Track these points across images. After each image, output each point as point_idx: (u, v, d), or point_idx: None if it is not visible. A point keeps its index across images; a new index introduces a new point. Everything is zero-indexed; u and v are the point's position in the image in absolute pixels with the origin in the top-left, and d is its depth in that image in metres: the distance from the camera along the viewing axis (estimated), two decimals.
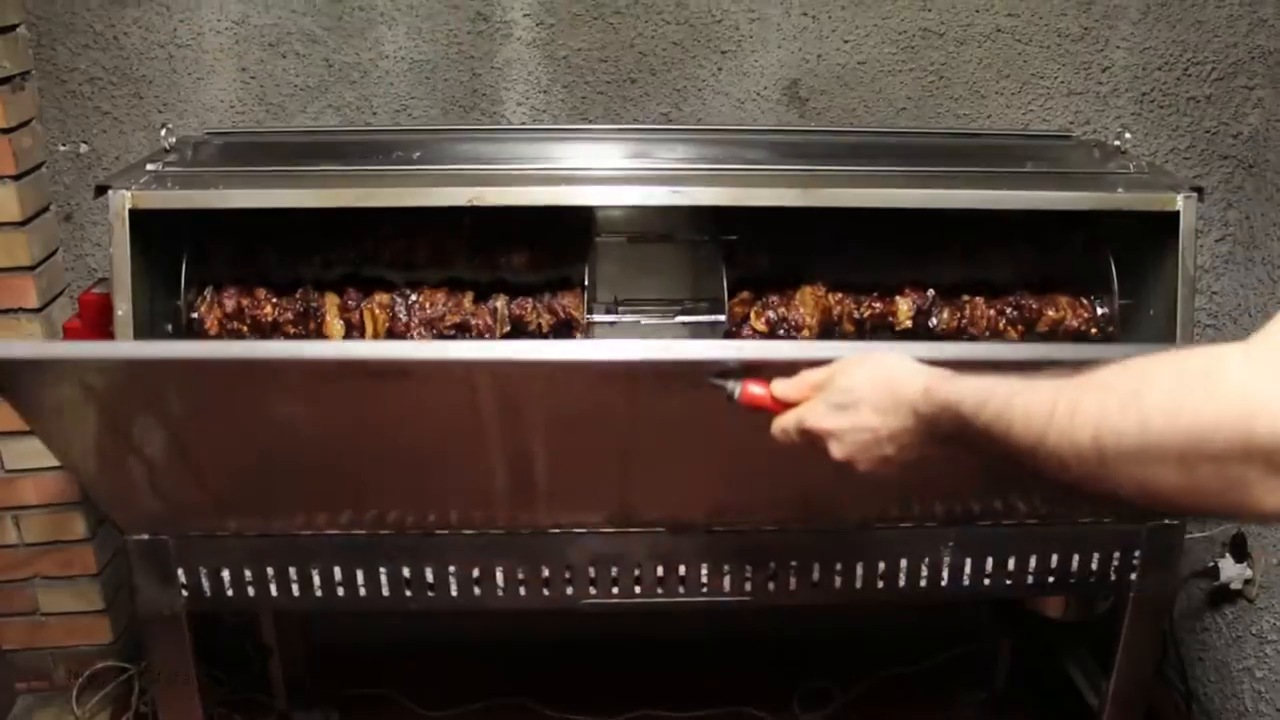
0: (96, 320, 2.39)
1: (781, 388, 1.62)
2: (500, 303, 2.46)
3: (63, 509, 3.13)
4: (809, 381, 1.59)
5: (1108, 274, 2.52)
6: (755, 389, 1.65)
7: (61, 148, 3.05)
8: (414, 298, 2.43)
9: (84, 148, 3.06)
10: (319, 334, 2.45)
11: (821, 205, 2.29)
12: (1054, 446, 1.16)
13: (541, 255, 2.51)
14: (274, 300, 2.46)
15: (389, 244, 2.50)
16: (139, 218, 2.23)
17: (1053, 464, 1.17)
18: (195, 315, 2.46)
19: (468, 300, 2.46)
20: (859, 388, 1.49)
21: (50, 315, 2.96)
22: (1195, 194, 2.33)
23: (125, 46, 2.96)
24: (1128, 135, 2.65)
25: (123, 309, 2.23)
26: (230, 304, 2.46)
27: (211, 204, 2.28)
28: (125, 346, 1.79)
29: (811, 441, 1.54)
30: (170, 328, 2.43)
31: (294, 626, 3.14)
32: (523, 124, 3.04)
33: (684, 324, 2.53)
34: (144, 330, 2.30)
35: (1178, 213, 2.32)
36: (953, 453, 1.40)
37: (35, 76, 2.97)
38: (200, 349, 1.86)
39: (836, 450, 1.50)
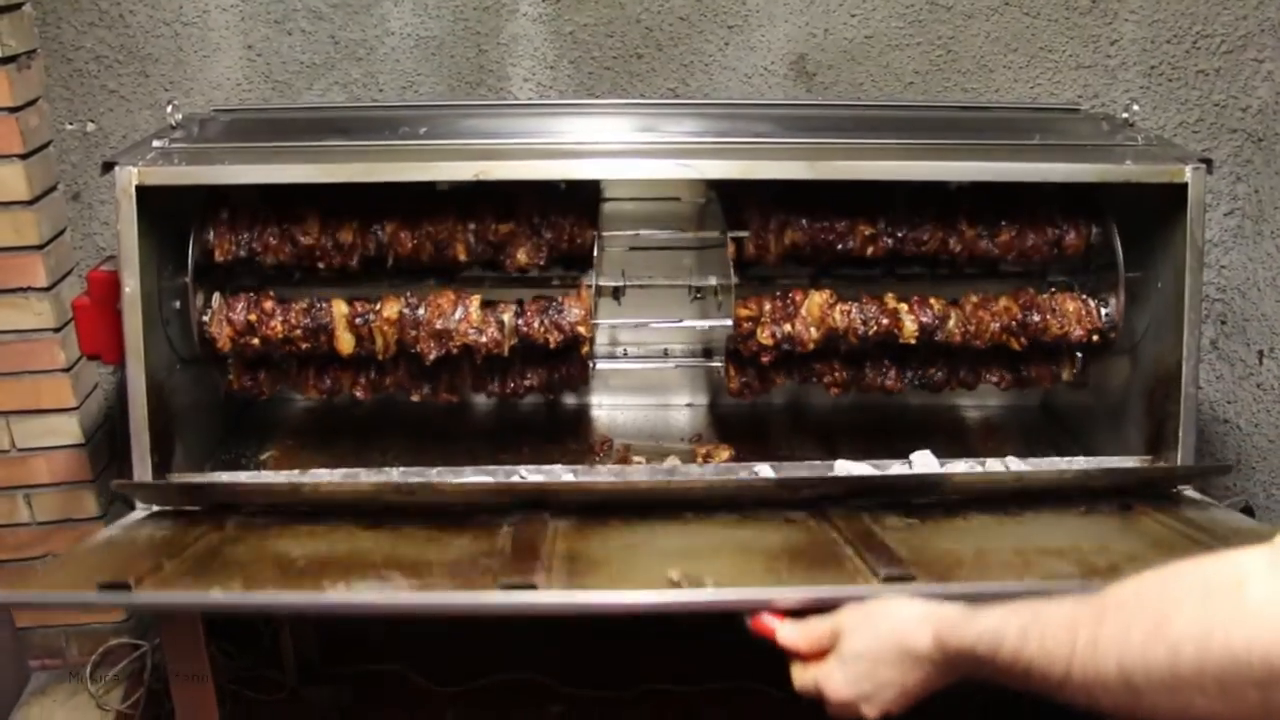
0: (105, 297, 2.38)
1: (787, 636, 1.63)
2: (508, 315, 2.46)
3: (74, 487, 3.14)
4: (814, 636, 1.59)
5: (1113, 248, 2.52)
6: (767, 620, 1.68)
7: (68, 126, 3.06)
8: (421, 311, 2.44)
9: (91, 126, 3.07)
10: (330, 347, 2.48)
11: (828, 178, 2.28)
12: (1080, 682, 1.11)
13: (548, 232, 2.50)
14: (283, 317, 2.47)
15: (396, 223, 2.49)
16: (146, 194, 2.23)
17: (1081, 697, 1.12)
18: (206, 332, 2.49)
19: (475, 309, 2.44)
20: (870, 651, 1.48)
21: (59, 294, 2.97)
22: (1204, 165, 2.33)
23: (131, 24, 2.96)
24: (1136, 108, 2.64)
25: (130, 286, 2.23)
26: (239, 319, 2.47)
27: (218, 179, 2.28)
28: (144, 597, 1.80)
29: (844, 709, 1.53)
30: (178, 304, 2.43)
31: None
32: (529, 100, 3.04)
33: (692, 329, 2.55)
34: (151, 307, 2.30)
35: (1186, 184, 2.31)
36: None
37: (41, 55, 2.97)
38: (224, 599, 1.88)
39: (870, 711, 1.49)
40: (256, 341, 2.47)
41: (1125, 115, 2.63)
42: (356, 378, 2.62)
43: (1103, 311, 2.54)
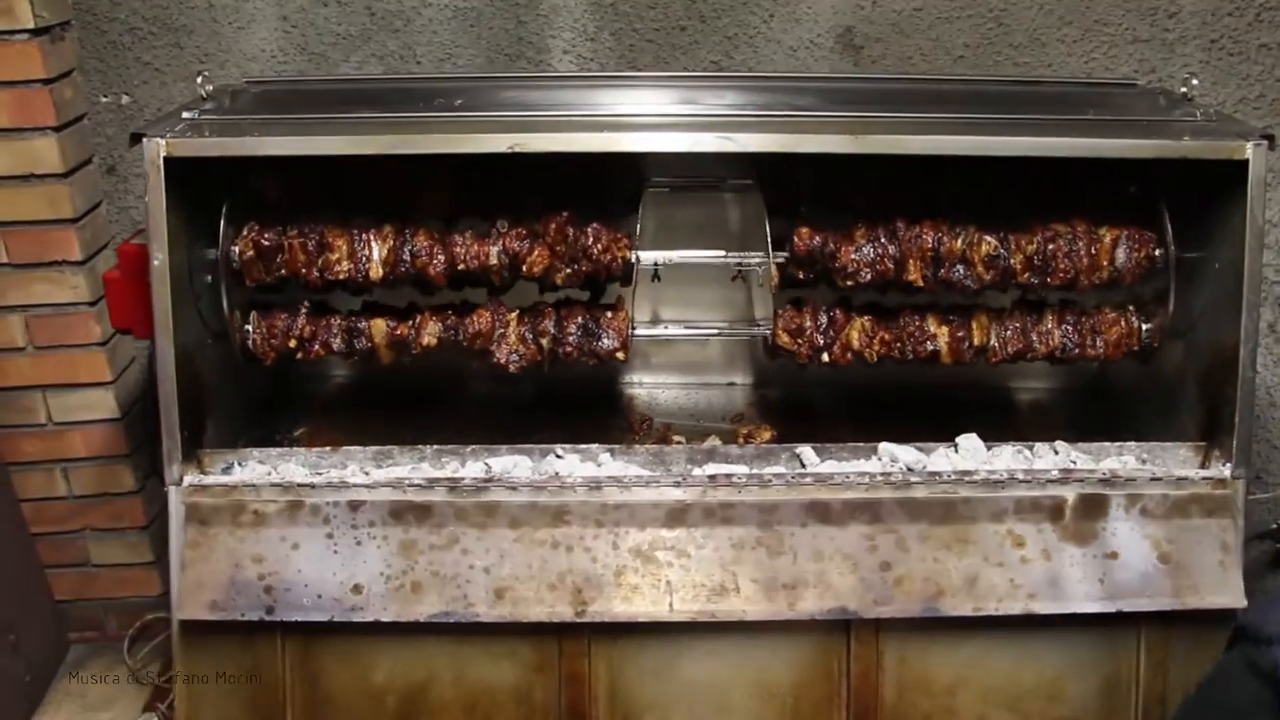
0: (136, 271, 2.35)
1: None
2: (546, 340, 2.46)
3: (111, 461, 3.14)
4: None
5: (1163, 226, 2.45)
6: None
7: (103, 99, 3.03)
8: (460, 335, 2.47)
9: (125, 99, 3.03)
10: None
11: (872, 152, 2.21)
12: None
13: (586, 209, 2.45)
14: (324, 340, 2.50)
15: (429, 195, 2.46)
16: (174, 166, 2.19)
17: None
18: (249, 341, 2.50)
19: (513, 331, 2.46)
20: None
21: (94, 268, 2.95)
22: (1266, 142, 2.23)
23: None
24: (1195, 81, 2.54)
25: (159, 258, 2.20)
26: (279, 332, 2.50)
27: (246, 151, 2.23)
28: None
29: None
30: (209, 279, 2.40)
31: None
32: (568, 72, 2.98)
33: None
34: (182, 281, 2.27)
35: (1247, 162, 2.22)
36: None
37: (75, 27, 2.94)
38: None
39: None
40: (292, 345, 2.52)
41: (1183, 90, 2.53)
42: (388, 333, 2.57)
43: (1143, 328, 2.49)
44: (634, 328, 2.49)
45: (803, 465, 2.30)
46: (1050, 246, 2.39)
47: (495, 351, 2.46)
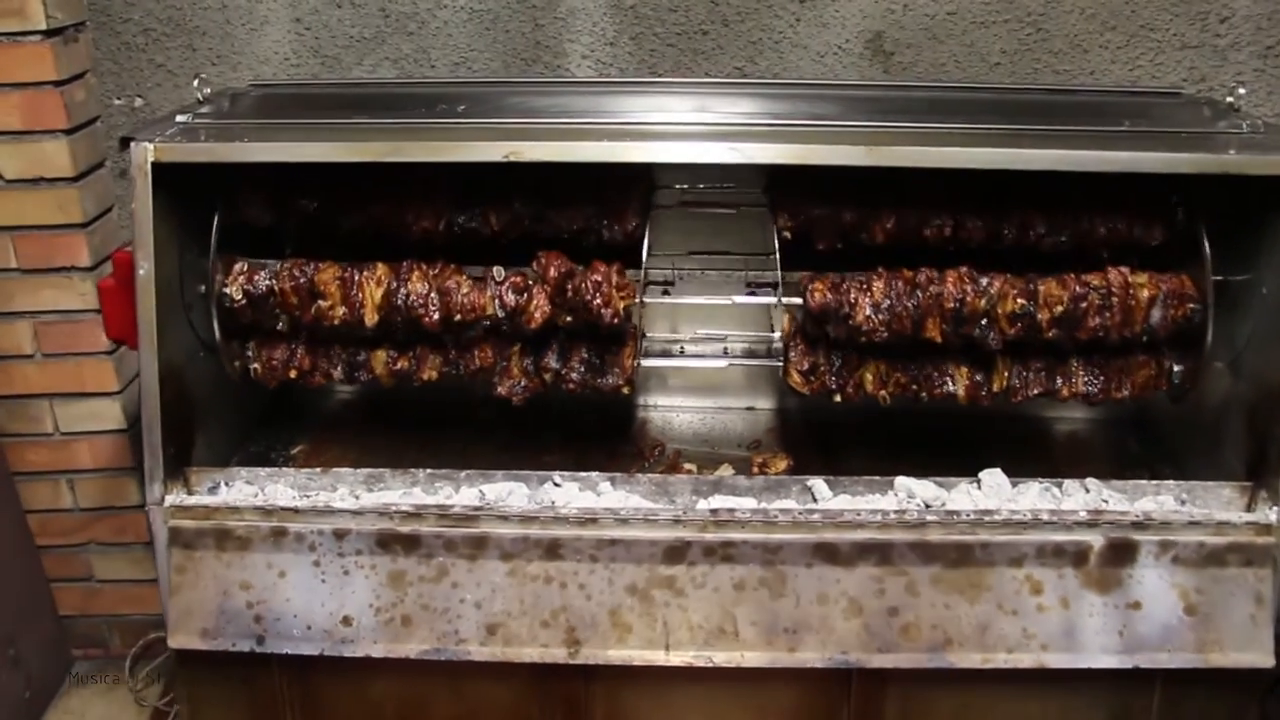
0: (128, 279, 2.27)
1: None
2: (549, 375, 2.39)
3: (117, 474, 3.08)
4: None
5: (1201, 246, 2.28)
6: None
7: (116, 101, 2.97)
8: (462, 368, 2.42)
9: (139, 101, 2.98)
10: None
11: (887, 164, 2.09)
12: None
13: (592, 217, 2.35)
14: (323, 366, 2.45)
15: (424, 206, 2.36)
16: (164, 171, 2.11)
17: None
18: (250, 370, 2.45)
19: (516, 357, 2.39)
20: None
21: (103, 274, 2.89)
22: None
23: None
24: (1241, 91, 2.38)
25: (144, 268, 2.12)
26: (278, 364, 2.45)
27: (236, 157, 2.15)
28: None
29: None
30: (203, 289, 2.32)
31: None
32: (583, 78, 2.87)
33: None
34: (170, 292, 2.19)
35: None
36: None
37: (89, 28, 2.88)
38: None
39: None
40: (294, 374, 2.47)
41: (1230, 100, 2.37)
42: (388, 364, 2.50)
43: (1175, 370, 2.36)
44: (640, 359, 2.40)
45: (814, 499, 2.18)
46: (1082, 304, 2.26)
47: (497, 384, 2.40)
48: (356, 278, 2.31)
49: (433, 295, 2.30)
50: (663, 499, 2.20)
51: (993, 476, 2.20)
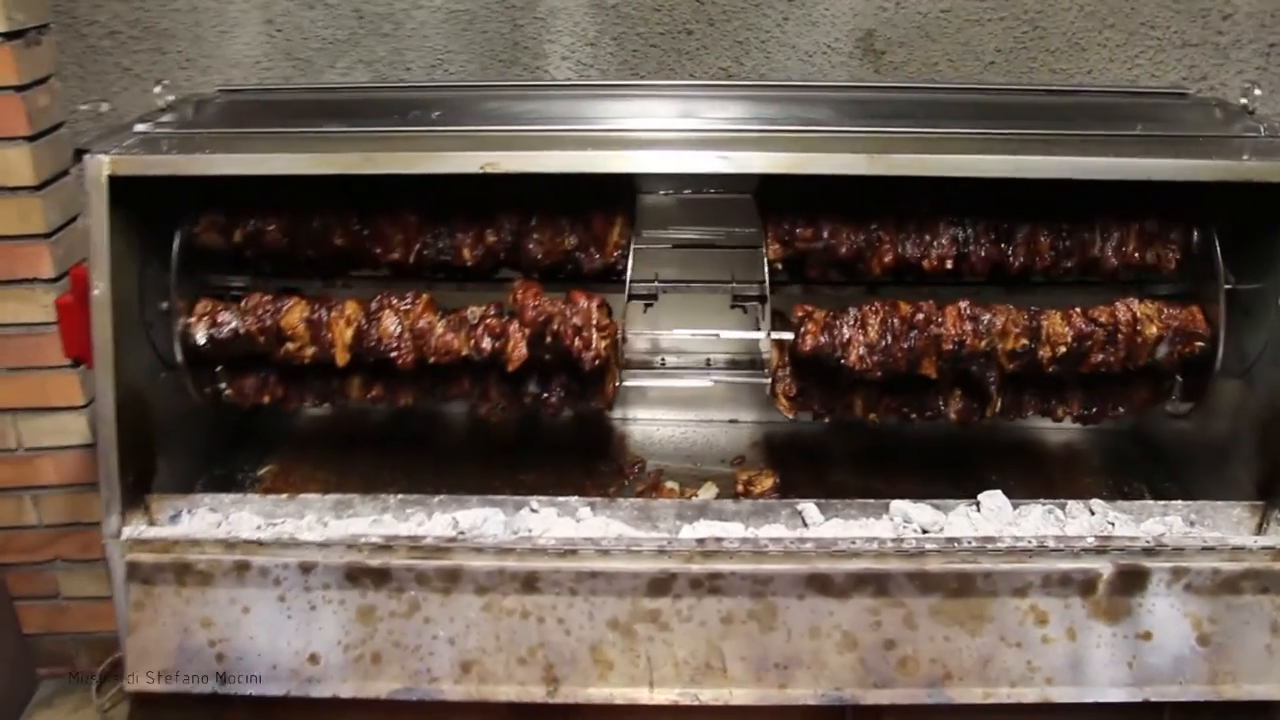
0: (86, 296, 2.17)
1: None
2: (529, 398, 2.32)
3: (82, 489, 2.98)
4: None
5: (1213, 253, 2.20)
6: None
7: (82, 106, 2.86)
8: (440, 395, 2.37)
9: (105, 106, 2.87)
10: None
11: (889, 174, 1.99)
12: None
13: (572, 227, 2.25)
14: (297, 394, 2.39)
15: (396, 224, 2.26)
16: (122, 185, 2.01)
17: None
18: (224, 394, 2.37)
19: (495, 387, 2.31)
20: None
21: (67, 286, 2.79)
22: None
23: None
24: (1258, 91, 2.28)
25: (100, 287, 2.01)
26: (251, 391, 2.38)
27: (197, 170, 2.04)
28: None
29: None
30: (165, 305, 2.21)
31: None
32: (563, 80, 2.77)
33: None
34: (129, 311, 2.09)
35: None
36: None
37: (53, 31, 2.77)
38: None
39: None
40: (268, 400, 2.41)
41: (1244, 101, 2.27)
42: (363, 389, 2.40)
43: (1176, 393, 2.31)
44: (622, 381, 2.31)
45: (804, 524, 2.08)
46: (1086, 343, 2.18)
47: (476, 406, 2.33)
48: (325, 318, 2.22)
49: (406, 336, 2.21)
50: (645, 525, 2.10)
51: (992, 499, 2.10)
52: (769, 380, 2.30)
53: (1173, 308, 2.21)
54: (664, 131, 2.21)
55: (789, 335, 2.22)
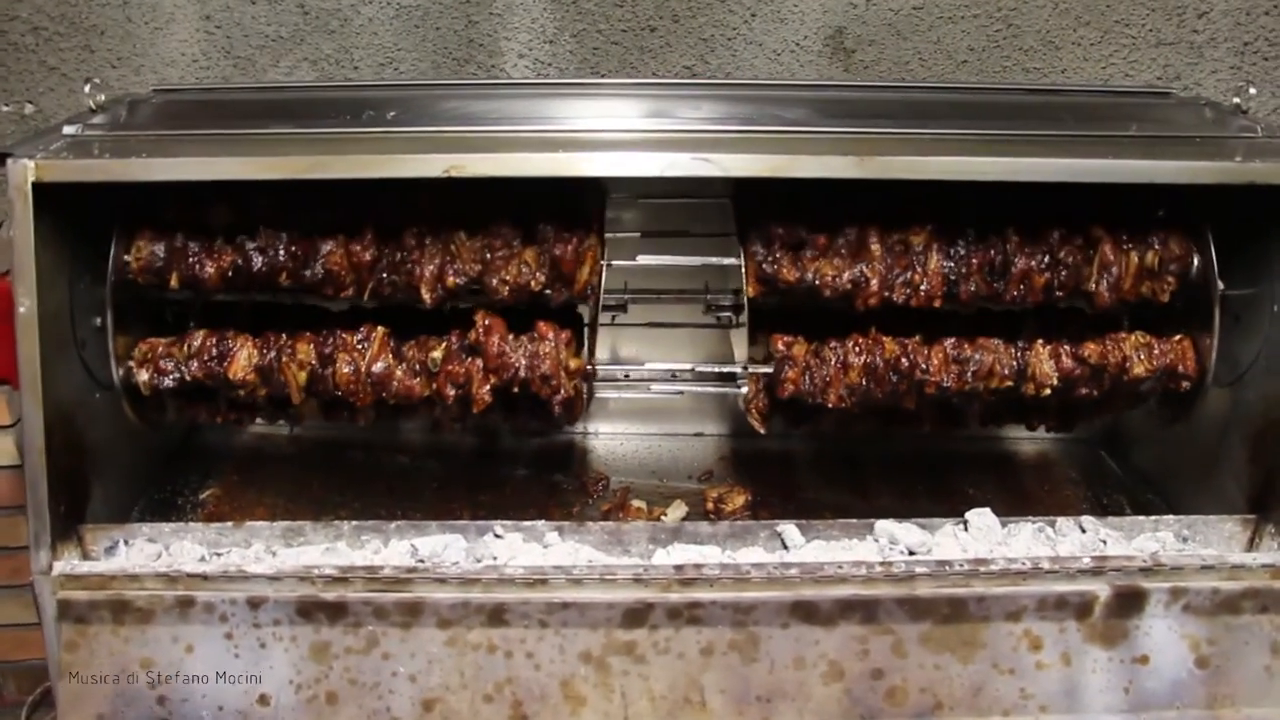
0: (9, 312, 2.02)
1: None
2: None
3: (7, 512, 2.78)
4: None
5: (1208, 260, 2.13)
6: None
7: (4, 108, 2.72)
8: (400, 415, 2.29)
9: (29, 108, 2.73)
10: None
11: (881, 177, 1.89)
12: None
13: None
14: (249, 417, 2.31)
15: (348, 264, 2.14)
16: (48, 192, 1.85)
17: None
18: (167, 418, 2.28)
19: (455, 404, 2.17)
20: None
21: None
22: None
23: None
24: (1252, 90, 2.21)
25: (25, 305, 1.85)
26: (202, 415, 2.28)
27: (132, 176, 1.89)
28: None
29: None
30: (99, 321, 2.07)
31: None
32: (523, 79, 2.67)
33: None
34: (59, 328, 1.93)
35: None
36: None
37: None
38: None
39: None
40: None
41: (1236, 100, 2.20)
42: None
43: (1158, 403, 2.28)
44: (590, 396, 2.21)
45: (785, 546, 1.98)
46: (1075, 374, 2.14)
47: (439, 419, 2.25)
48: (277, 364, 2.11)
49: (363, 378, 2.10)
50: (617, 550, 1.99)
51: (981, 517, 2.01)
52: (743, 403, 2.22)
53: (1163, 343, 2.17)
54: (638, 132, 2.11)
55: (767, 369, 2.14)
